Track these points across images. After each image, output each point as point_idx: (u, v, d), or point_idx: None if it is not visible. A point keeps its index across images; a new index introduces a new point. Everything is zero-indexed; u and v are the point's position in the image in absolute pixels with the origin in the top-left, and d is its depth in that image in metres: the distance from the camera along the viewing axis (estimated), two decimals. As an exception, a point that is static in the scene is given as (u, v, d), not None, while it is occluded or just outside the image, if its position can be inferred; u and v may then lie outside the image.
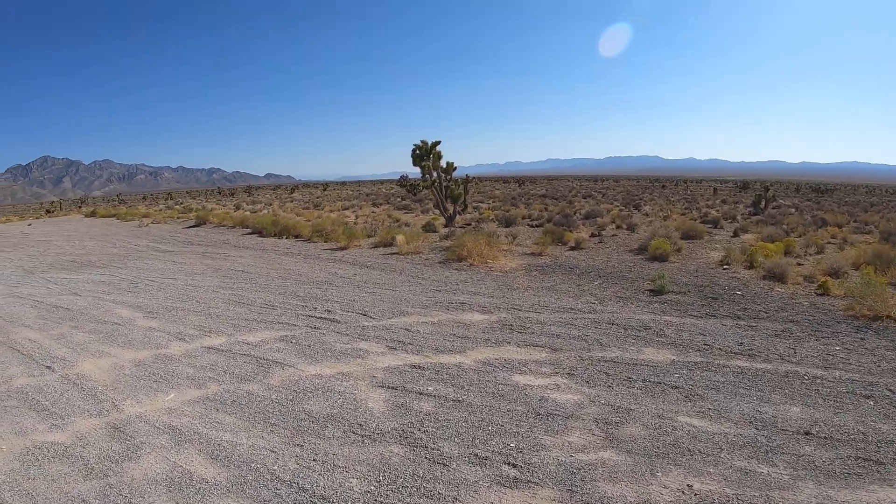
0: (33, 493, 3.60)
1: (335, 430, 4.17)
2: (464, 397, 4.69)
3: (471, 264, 10.75)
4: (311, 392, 4.92)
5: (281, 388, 5.03)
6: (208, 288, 9.76)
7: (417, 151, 17.87)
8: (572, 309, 7.52)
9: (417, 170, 18.45)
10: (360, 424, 4.24)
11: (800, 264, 10.13)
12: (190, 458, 3.88)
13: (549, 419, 4.26)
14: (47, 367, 5.91)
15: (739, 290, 8.24)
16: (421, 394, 4.79)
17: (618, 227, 15.64)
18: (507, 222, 17.26)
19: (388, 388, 4.95)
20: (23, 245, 18.33)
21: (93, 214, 33.29)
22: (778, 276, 8.87)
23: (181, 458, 3.89)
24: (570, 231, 13.61)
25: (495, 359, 5.65)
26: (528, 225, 17.26)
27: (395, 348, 6.05)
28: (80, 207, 47.80)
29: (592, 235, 13.71)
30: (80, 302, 9.02)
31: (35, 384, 5.43)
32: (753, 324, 6.74)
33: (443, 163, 18.27)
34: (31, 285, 10.72)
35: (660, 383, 4.94)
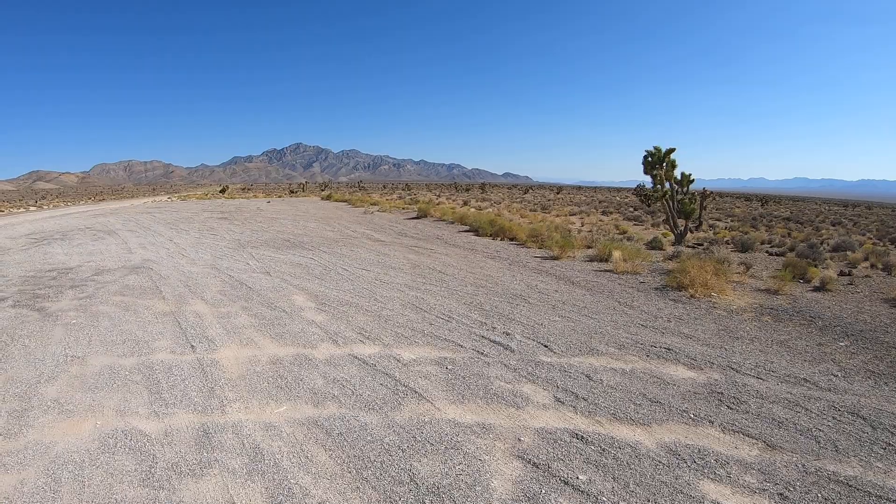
0: (85, 484, 3.66)
1: (432, 514, 3.33)
2: (623, 507, 3.41)
3: (691, 295, 9.34)
4: (432, 444, 4.16)
5: (402, 430, 4.40)
6: (395, 286, 9.86)
7: (649, 158, 17.87)
8: (806, 380, 5.58)
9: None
10: (467, 514, 3.31)
11: None
12: (248, 500, 3.47)
13: None
14: (192, 346, 6.34)
15: None
16: (566, 483, 3.63)
17: (872, 265, 12.89)
18: (744, 247, 15.54)
19: (529, 462, 3.91)
20: (252, 220, 21.71)
21: (328, 198, 38.32)
22: None
23: (240, 496, 3.50)
24: (815, 266, 11.72)
25: (686, 445, 4.18)
26: (767, 252, 15.43)
27: (562, 401, 4.96)
28: (322, 190, 55.81)
29: (841, 274, 11.41)
30: (265, 282, 9.87)
31: (169, 362, 5.81)
32: None
33: (677, 173, 17.85)
34: (235, 259, 12.28)
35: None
